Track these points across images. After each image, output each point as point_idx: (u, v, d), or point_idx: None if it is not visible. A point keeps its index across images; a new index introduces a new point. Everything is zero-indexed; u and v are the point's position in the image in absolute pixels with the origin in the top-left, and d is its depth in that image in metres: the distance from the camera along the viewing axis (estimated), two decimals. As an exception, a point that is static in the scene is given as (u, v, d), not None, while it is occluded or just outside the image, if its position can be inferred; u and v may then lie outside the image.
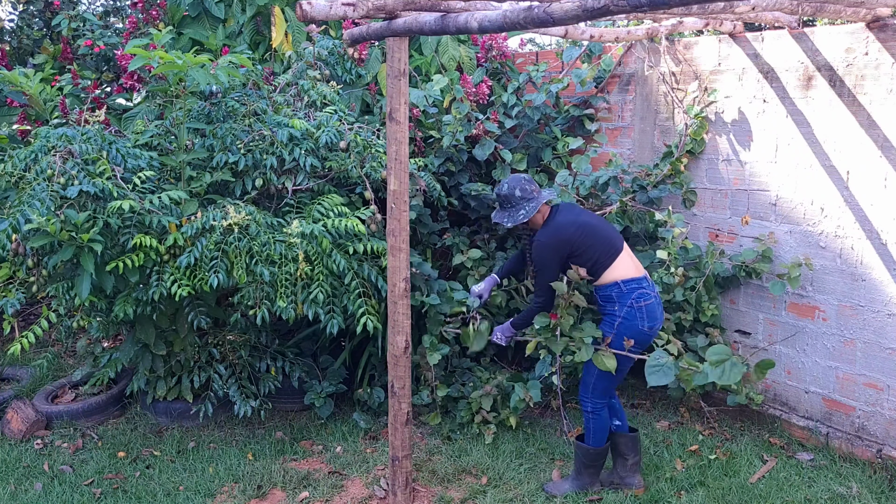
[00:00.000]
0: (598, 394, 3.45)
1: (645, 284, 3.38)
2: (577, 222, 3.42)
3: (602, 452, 3.53)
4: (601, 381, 3.42)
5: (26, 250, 3.34)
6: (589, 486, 3.56)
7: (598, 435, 3.50)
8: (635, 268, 3.42)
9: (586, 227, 3.40)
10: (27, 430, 4.22)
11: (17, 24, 5.95)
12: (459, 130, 4.57)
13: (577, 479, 3.57)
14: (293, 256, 3.53)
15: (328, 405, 4.33)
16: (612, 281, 3.36)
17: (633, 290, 3.34)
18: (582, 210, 3.58)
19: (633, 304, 3.32)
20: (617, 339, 3.34)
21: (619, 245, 3.43)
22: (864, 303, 3.66)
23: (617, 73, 4.77)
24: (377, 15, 2.87)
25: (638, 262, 3.48)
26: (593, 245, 3.37)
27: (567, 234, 3.38)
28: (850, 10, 3.26)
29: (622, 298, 3.34)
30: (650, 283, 3.43)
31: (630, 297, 3.33)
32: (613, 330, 3.35)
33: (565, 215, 3.46)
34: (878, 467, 3.61)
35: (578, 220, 3.44)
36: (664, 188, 4.28)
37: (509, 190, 3.46)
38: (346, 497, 3.58)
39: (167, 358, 4.24)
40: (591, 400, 3.46)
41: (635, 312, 3.32)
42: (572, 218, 3.45)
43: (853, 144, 3.60)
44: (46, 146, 3.52)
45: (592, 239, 3.38)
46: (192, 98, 3.96)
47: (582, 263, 3.39)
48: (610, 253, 3.38)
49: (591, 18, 2.17)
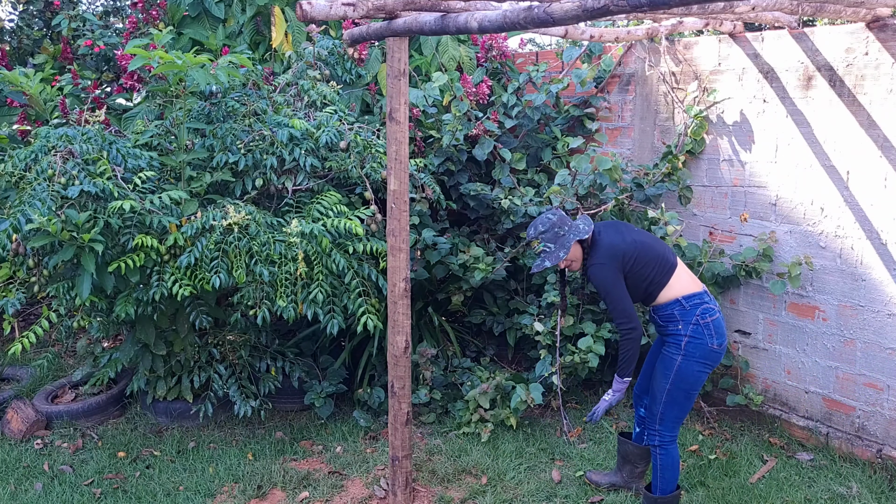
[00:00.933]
0: (669, 424, 3.10)
1: (707, 299, 3.11)
2: (626, 240, 3.14)
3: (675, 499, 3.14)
4: (671, 410, 3.10)
5: (27, 250, 3.34)
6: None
7: (669, 475, 3.11)
8: (693, 282, 3.15)
9: (637, 244, 3.13)
10: (27, 430, 4.22)
11: (17, 24, 5.95)
12: (459, 129, 4.57)
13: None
14: (293, 256, 3.54)
15: (328, 405, 4.34)
16: (673, 298, 3.08)
17: (696, 307, 3.06)
18: (625, 225, 3.30)
19: (698, 320, 3.04)
20: (686, 361, 3.04)
21: (673, 260, 3.16)
22: (864, 303, 3.66)
23: (617, 73, 4.77)
24: (377, 15, 2.87)
25: (694, 276, 3.22)
26: (648, 261, 3.10)
27: (620, 249, 3.10)
28: (850, 10, 3.26)
29: (686, 316, 3.06)
30: (711, 296, 3.16)
31: (694, 314, 3.05)
32: (682, 351, 3.04)
33: (611, 235, 3.17)
34: (878, 467, 3.62)
35: (627, 237, 3.16)
36: (661, 186, 4.28)
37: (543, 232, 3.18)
38: (346, 497, 3.58)
39: (167, 358, 4.24)
40: (659, 434, 3.11)
41: (702, 330, 3.03)
42: (620, 237, 3.16)
43: (853, 144, 3.60)
44: (47, 146, 3.52)
45: (646, 256, 3.11)
46: (192, 98, 3.96)
47: (635, 282, 3.11)
48: (666, 269, 3.11)
49: (591, 18, 2.17)
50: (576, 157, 4.56)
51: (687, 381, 3.05)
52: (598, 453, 3.90)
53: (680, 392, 3.07)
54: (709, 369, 3.09)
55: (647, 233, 3.30)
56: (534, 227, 3.22)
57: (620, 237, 3.15)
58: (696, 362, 3.04)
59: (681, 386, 3.06)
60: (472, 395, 4.17)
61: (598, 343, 4.11)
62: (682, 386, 3.06)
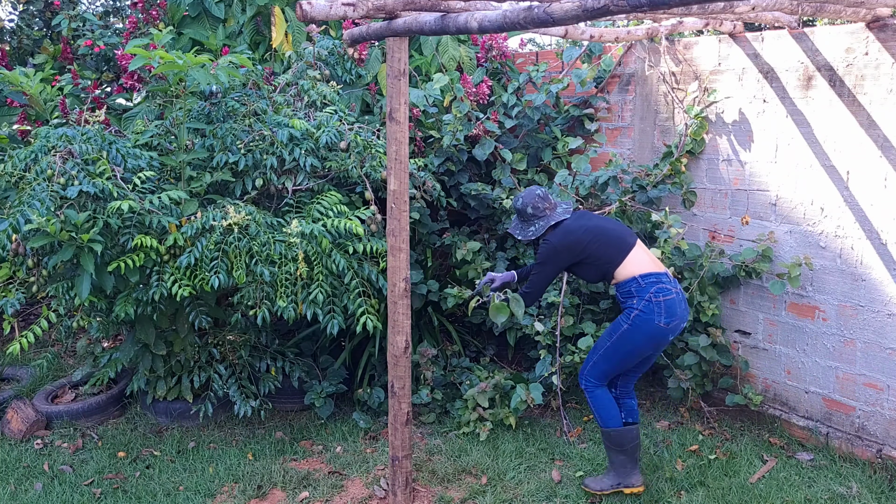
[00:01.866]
0: (597, 373, 3.40)
1: (665, 280, 3.31)
2: (585, 227, 3.40)
3: (623, 435, 3.40)
4: (603, 363, 3.38)
5: (26, 250, 3.34)
6: (624, 476, 3.43)
7: (603, 413, 3.40)
8: (653, 263, 3.37)
9: (595, 230, 3.38)
10: (27, 430, 4.22)
11: (17, 24, 5.95)
12: (460, 129, 4.57)
13: (610, 469, 3.49)
14: (293, 256, 3.54)
15: (328, 405, 4.34)
16: (630, 276, 3.31)
17: (651, 284, 3.27)
18: (593, 215, 3.53)
19: (651, 297, 3.25)
20: (632, 332, 3.27)
21: (630, 241, 3.38)
22: (864, 303, 3.66)
23: (617, 73, 4.77)
24: (377, 15, 2.87)
25: (656, 259, 3.43)
26: (604, 245, 3.34)
27: (574, 237, 3.36)
28: (850, 10, 3.26)
29: (641, 292, 3.27)
30: (672, 279, 3.36)
31: (648, 291, 3.26)
32: (629, 322, 3.28)
33: (576, 220, 3.45)
34: (878, 467, 3.62)
35: (588, 224, 3.42)
36: (664, 188, 4.28)
37: (522, 205, 3.50)
38: (346, 497, 3.58)
39: (167, 358, 4.24)
40: (585, 377, 3.45)
41: (653, 307, 3.24)
42: (582, 223, 3.43)
43: (853, 144, 3.60)
44: (46, 146, 3.52)
45: (603, 239, 3.35)
46: (192, 98, 3.96)
47: (596, 266, 3.36)
48: (622, 248, 3.34)
49: (591, 18, 2.17)
50: (575, 157, 4.57)
51: (625, 347, 3.31)
52: (597, 453, 3.89)
53: (616, 353, 3.34)
54: (652, 344, 3.30)
55: (609, 219, 3.55)
56: (521, 199, 3.51)
57: (578, 224, 3.43)
58: (640, 335, 3.27)
59: (619, 349, 3.32)
60: (471, 395, 4.17)
61: None
62: (621, 349, 3.32)
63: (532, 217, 3.48)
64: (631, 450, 3.43)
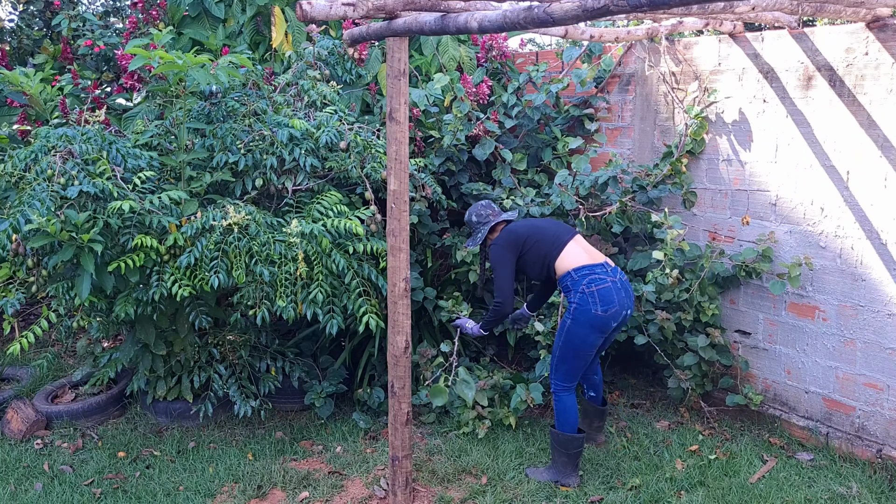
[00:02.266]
0: (561, 376, 3.54)
1: (598, 270, 3.48)
2: (525, 225, 3.72)
3: (571, 441, 3.54)
4: (562, 364, 3.54)
5: (26, 250, 3.34)
6: (562, 476, 3.59)
7: (562, 417, 3.55)
8: (588, 256, 3.56)
9: (533, 227, 3.67)
10: (27, 430, 4.22)
11: (17, 24, 5.95)
12: (460, 129, 4.57)
13: (551, 466, 3.65)
14: (293, 256, 3.54)
15: (328, 405, 4.34)
16: (565, 271, 3.52)
17: (584, 277, 3.46)
18: (541, 218, 3.89)
19: (584, 289, 3.43)
20: (575, 326, 3.44)
21: (565, 237, 3.59)
22: (864, 303, 3.66)
23: (617, 73, 4.77)
24: (377, 15, 2.87)
25: (595, 252, 3.62)
26: (541, 240, 3.59)
27: (515, 233, 3.64)
28: (850, 10, 3.26)
29: (575, 286, 3.47)
30: (608, 269, 3.52)
31: (581, 284, 3.45)
32: (571, 316, 3.46)
33: (519, 222, 3.77)
34: (878, 467, 3.61)
35: (528, 223, 3.76)
36: (664, 188, 4.28)
37: (468, 216, 3.84)
38: (346, 497, 3.58)
39: (167, 358, 4.24)
40: (553, 382, 3.58)
41: (587, 297, 3.41)
42: (523, 222, 3.76)
43: (853, 144, 3.60)
44: (46, 146, 3.52)
45: (539, 234, 3.61)
46: (192, 98, 3.96)
47: (534, 259, 3.60)
48: (556, 244, 3.56)
49: (591, 18, 2.17)
50: (576, 157, 4.56)
51: (574, 342, 3.47)
52: (597, 453, 3.89)
53: (568, 350, 3.49)
54: (597, 332, 3.45)
55: (551, 220, 3.87)
56: (468, 213, 3.86)
57: (520, 223, 3.73)
58: (582, 326, 3.43)
59: (569, 345, 3.48)
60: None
61: None
62: (570, 346, 3.48)
63: (477, 224, 3.80)
64: (574, 455, 3.57)
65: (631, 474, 3.68)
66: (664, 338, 4.17)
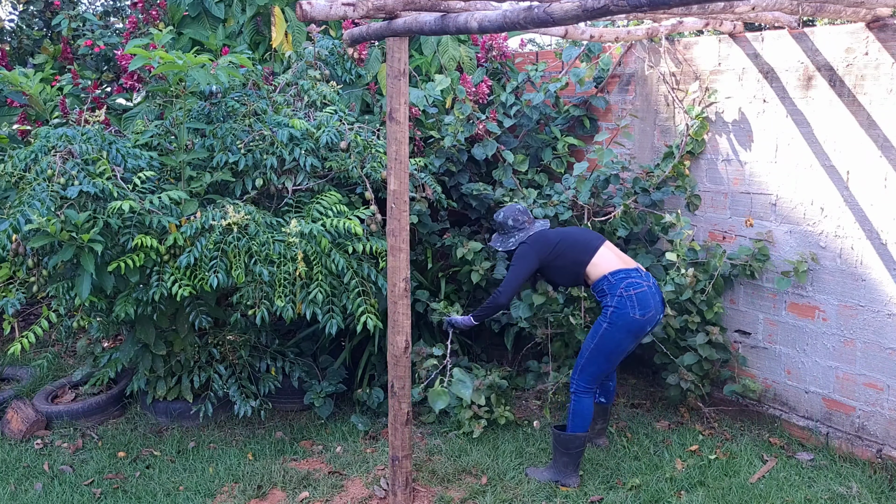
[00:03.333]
0: (586, 378, 3.54)
1: (634, 275, 3.51)
2: (556, 231, 3.76)
3: (573, 439, 3.55)
4: (590, 366, 3.53)
5: (26, 250, 3.34)
6: (563, 476, 3.59)
7: (577, 419, 3.55)
8: (621, 261, 3.58)
9: (564, 234, 3.71)
10: (27, 430, 4.22)
11: (17, 24, 5.95)
12: (460, 131, 4.57)
13: (552, 466, 3.66)
14: (292, 256, 3.54)
15: (328, 405, 4.34)
16: (601, 275, 3.53)
17: (621, 280, 3.47)
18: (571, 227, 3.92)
19: (622, 293, 3.44)
20: (612, 329, 3.44)
21: (597, 243, 3.63)
22: (864, 303, 3.66)
23: (617, 73, 4.77)
24: (377, 15, 2.87)
25: (626, 258, 3.65)
26: (571, 246, 3.62)
27: (545, 238, 3.68)
28: (850, 10, 3.26)
29: (612, 289, 3.47)
30: (642, 274, 3.55)
31: (619, 287, 3.45)
32: (608, 319, 3.45)
33: (546, 230, 3.80)
34: (878, 467, 3.61)
35: (558, 230, 3.77)
36: (667, 190, 4.27)
37: (504, 219, 3.82)
38: (346, 497, 3.58)
39: (167, 358, 4.24)
40: (575, 381, 3.57)
41: (626, 301, 3.42)
42: (553, 230, 3.79)
43: (853, 144, 3.60)
44: (46, 146, 3.52)
45: (570, 241, 3.65)
46: (192, 98, 3.96)
47: (562, 265, 3.61)
48: (588, 249, 3.59)
49: (591, 18, 2.17)
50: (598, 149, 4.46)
51: (608, 345, 3.47)
52: (597, 453, 3.90)
53: (601, 354, 3.50)
54: (632, 336, 3.47)
55: (577, 227, 3.95)
56: (502, 214, 3.84)
57: (553, 231, 3.78)
58: (618, 330, 3.44)
59: (602, 349, 3.49)
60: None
61: None
62: (604, 349, 3.49)
63: (513, 229, 3.78)
64: (576, 454, 3.58)
65: (631, 474, 3.68)
66: (667, 336, 4.17)
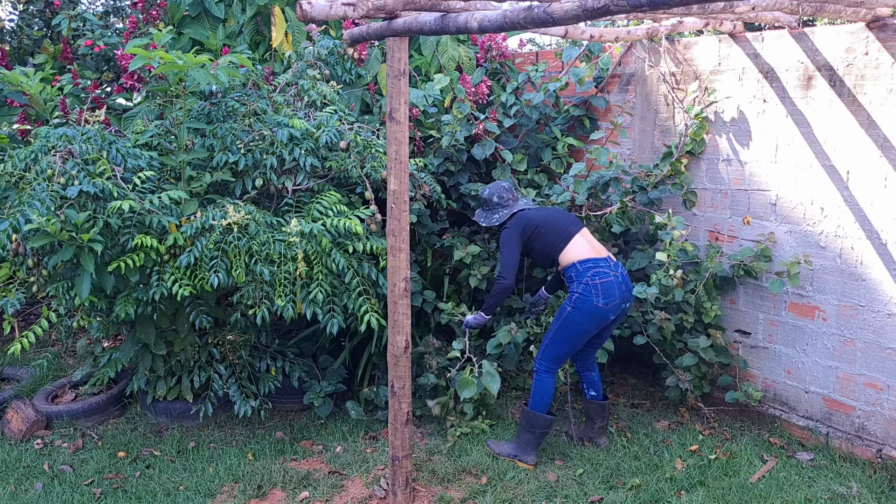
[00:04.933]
0: (548, 357, 3.72)
1: (602, 264, 3.64)
2: (538, 212, 3.85)
3: (539, 420, 3.72)
4: (553, 346, 3.70)
5: (26, 250, 3.34)
6: (522, 452, 3.75)
7: (538, 397, 3.72)
8: (593, 250, 3.71)
9: (545, 216, 3.82)
10: (27, 429, 4.22)
11: (17, 24, 5.95)
12: (458, 130, 4.57)
13: (513, 441, 3.82)
14: (293, 256, 3.54)
15: (327, 405, 4.34)
16: (570, 262, 3.68)
17: (588, 269, 3.62)
18: (552, 208, 4.00)
19: (588, 281, 3.59)
20: (575, 313, 3.60)
21: (573, 230, 3.75)
22: (864, 303, 3.66)
23: (617, 73, 4.77)
24: (377, 15, 2.87)
25: (599, 246, 3.79)
26: (548, 229, 3.74)
27: (527, 218, 3.79)
28: (850, 10, 3.26)
29: (579, 277, 3.63)
30: (611, 264, 3.68)
31: (586, 276, 3.61)
32: (571, 304, 3.61)
33: (531, 210, 3.89)
34: (878, 467, 3.61)
35: (540, 211, 3.87)
36: (664, 189, 4.27)
37: (489, 195, 3.93)
38: (346, 497, 3.58)
39: (167, 358, 4.24)
40: (538, 361, 3.75)
41: (591, 289, 3.57)
42: (536, 211, 3.88)
43: (853, 144, 3.60)
44: (46, 146, 3.52)
45: (550, 224, 3.76)
46: (192, 98, 3.96)
47: (539, 247, 3.75)
48: (563, 236, 3.72)
49: (591, 18, 2.17)
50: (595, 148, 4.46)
51: (570, 328, 3.64)
52: (597, 453, 3.90)
53: (563, 336, 3.66)
54: (594, 323, 3.62)
55: (560, 210, 4.00)
56: (488, 190, 3.96)
57: (534, 211, 3.86)
58: (581, 315, 3.60)
59: (564, 331, 3.65)
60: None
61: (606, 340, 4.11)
62: (566, 331, 3.65)
63: (497, 205, 3.90)
64: (539, 434, 3.76)
65: (631, 474, 3.68)
66: (663, 338, 4.17)
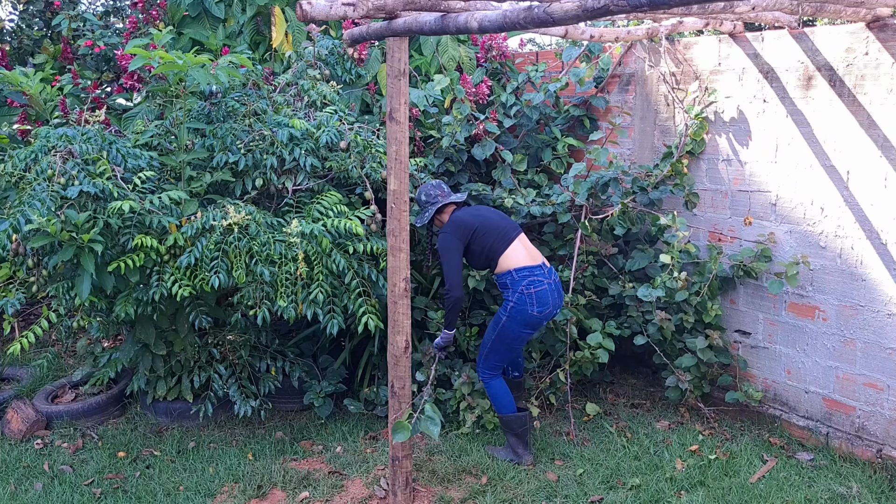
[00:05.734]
0: (490, 364, 3.79)
1: (538, 272, 3.66)
2: (473, 213, 3.80)
3: (513, 420, 3.78)
4: (493, 355, 3.76)
5: (26, 250, 3.34)
6: (516, 455, 3.81)
7: (498, 402, 3.79)
8: (529, 257, 3.72)
9: (482, 219, 3.76)
10: (27, 430, 4.22)
11: (17, 24, 5.95)
12: (458, 131, 4.57)
13: (507, 446, 3.89)
14: (293, 256, 3.54)
15: (327, 405, 4.34)
16: (506, 270, 3.68)
17: (524, 278, 3.64)
18: (486, 208, 3.93)
19: (523, 290, 3.61)
20: (510, 322, 3.64)
21: (511, 235, 3.73)
22: (864, 303, 3.66)
23: (617, 73, 4.77)
24: (377, 15, 2.87)
25: (535, 252, 3.79)
26: (487, 233, 3.70)
27: (462, 220, 3.73)
28: (850, 10, 3.26)
29: (515, 285, 3.64)
30: (545, 271, 3.71)
31: (521, 284, 3.62)
32: (507, 313, 3.65)
33: (466, 210, 3.85)
34: (878, 467, 3.62)
35: (476, 212, 3.83)
36: (665, 189, 4.27)
37: (418, 195, 3.91)
38: (346, 497, 3.58)
39: (167, 358, 4.24)
40: (481, 370, 3.83)
41: (526, 298, 3.61)
42: (472, 212, 3.83)
43: (853, 144, 3.60)
44: (47, 146, 3.52)
45: (486, 227, 3.72)
46: (192, 98, 3.96)
47: (477, 250, 3.71)
48: (503, 241, 3.69)
49: (591, 18, 2.17)
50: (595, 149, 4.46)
51: (508, 337, 3.70)
52: (597, 453, 3.90)
53: (502, 344, 3.72)
54: (529, 329, 3.69)
55: (500, 213, 3.91)
56: (417, 191, 3.93)
57: (468, 213, 3.80)
58: (517, 324, 3.65)
59: (503, 339, 3.71)
60: (458, 385, 4.17)
61: (607, 339, 4.12)
62: (504, 340, 3.71)
63: (426, 203, 3.86)
64: (521, 433, 3.80)
65: (631, 474, 3.68)
66: (663, 338, 4.17)
